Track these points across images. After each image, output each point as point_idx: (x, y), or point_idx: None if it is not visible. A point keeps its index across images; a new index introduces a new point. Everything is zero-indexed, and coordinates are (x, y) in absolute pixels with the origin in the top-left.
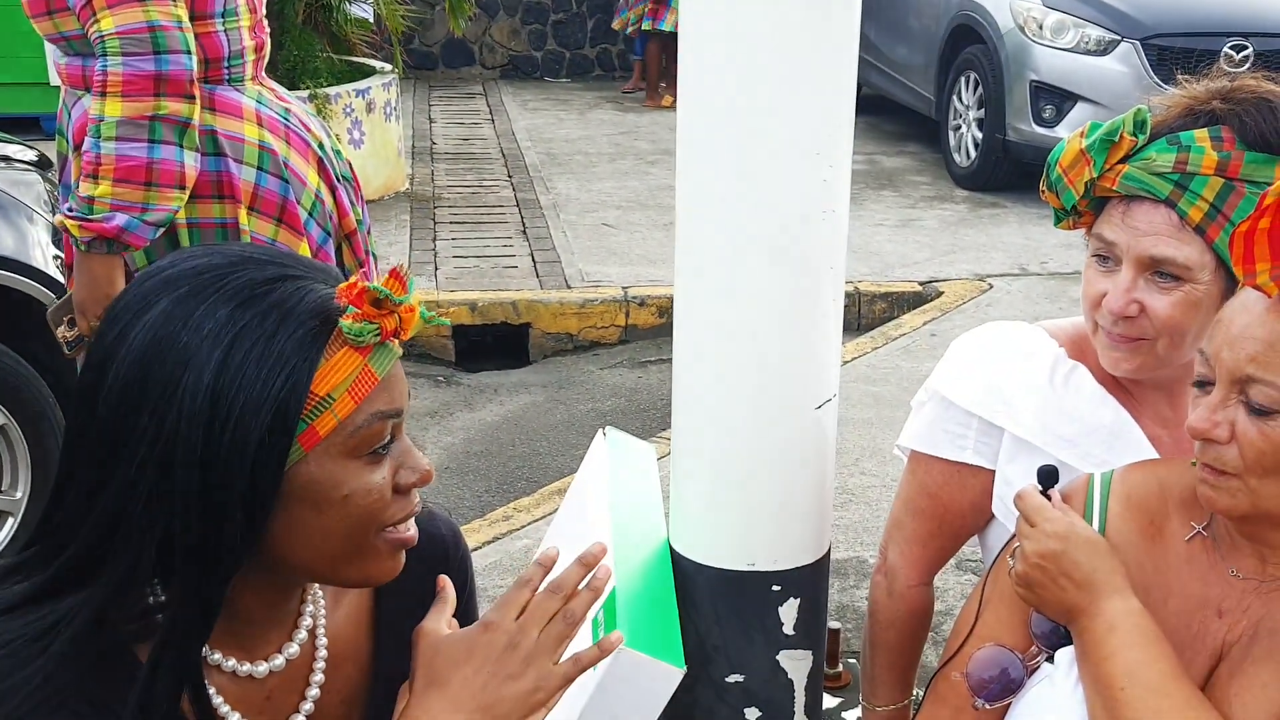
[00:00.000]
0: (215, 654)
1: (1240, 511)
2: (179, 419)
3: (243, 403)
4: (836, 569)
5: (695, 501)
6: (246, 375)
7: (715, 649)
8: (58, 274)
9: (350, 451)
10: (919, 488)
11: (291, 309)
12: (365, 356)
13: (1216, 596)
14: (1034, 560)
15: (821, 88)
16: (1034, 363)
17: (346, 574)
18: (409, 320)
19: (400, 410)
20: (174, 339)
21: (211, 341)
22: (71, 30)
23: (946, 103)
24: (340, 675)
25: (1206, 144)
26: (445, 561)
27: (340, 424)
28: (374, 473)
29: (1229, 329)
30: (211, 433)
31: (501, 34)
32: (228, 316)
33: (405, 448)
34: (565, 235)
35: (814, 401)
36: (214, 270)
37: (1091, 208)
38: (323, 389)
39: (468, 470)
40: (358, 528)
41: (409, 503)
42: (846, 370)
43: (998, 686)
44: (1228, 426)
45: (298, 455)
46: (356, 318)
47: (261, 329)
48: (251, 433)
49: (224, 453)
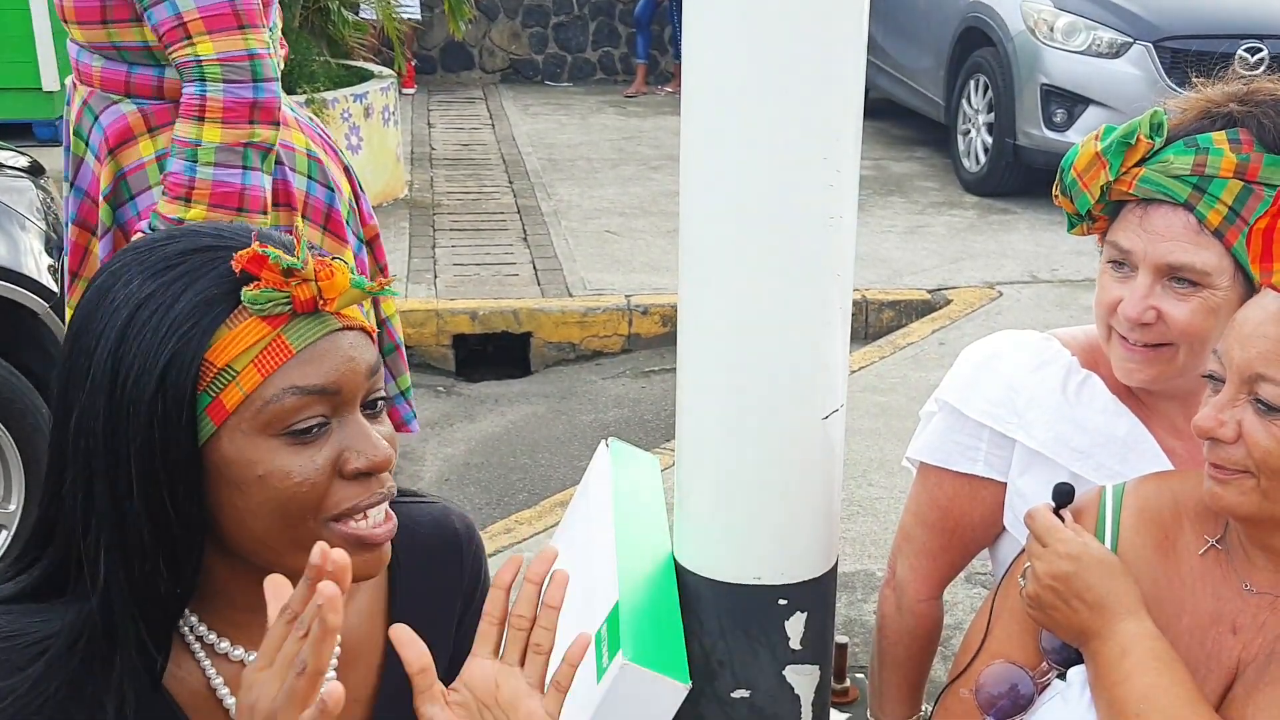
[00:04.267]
0: (223, 641)
1: (1246, 511)
2: (90, 389)
3: (136, 369)
4: (844, 582)
5: (700, 514)
6: (143, 342)
7: (720, 664)
8: (50, 282)
9: (263, 428)
10: (929, 500)
11: (198, 278)
12: (276, 327)
13: (1231, 612)
14: (1046, 581)
15: (828, 91)
16: (1046, 373)
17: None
18: (330, 288)
19: (334, 388)
20: (95, 313)
21: (118, 311)
22: (128, 42)
23: (956, 107)
24: (352, 674)
25: (1225, 146)
26: (459, 557)
27: (247, 397)
28: (295, 455)
29: (1242, 327)
30: (112, 400)
31: (502, 37)
32: (138, 287)
33: (358, 431)
34: (567, 242)
35: (821, 412)
36: (148, 244)
37: (1106, 212)
38: (221, 359)
39: (468, 482)
40: (287, 513)
41: (362, 491)
42: (854, 380)
43: (1008, 703)
44: (1234, 425)
45: (209, 429)
46: (258, 286)
47: (164, 297)
48: (144, 402)
49: (126, 422)
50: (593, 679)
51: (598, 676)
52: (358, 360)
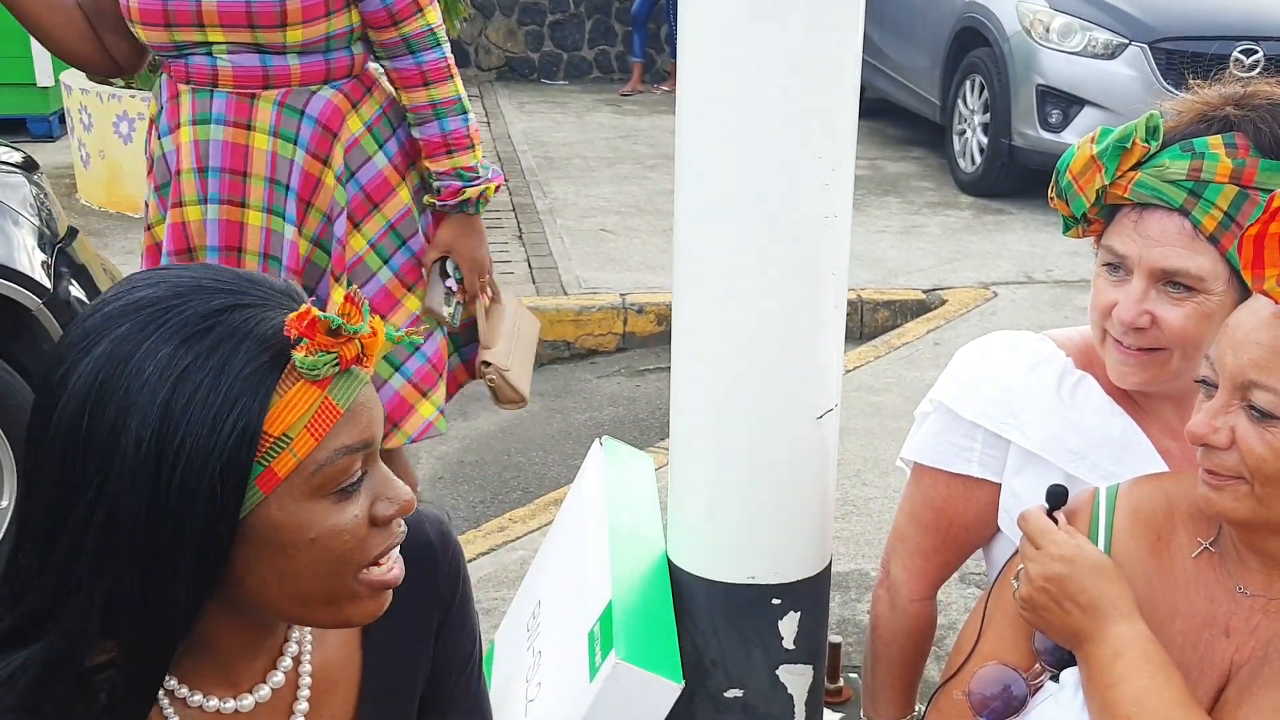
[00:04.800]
0: (196, 694)
1: (1240, 516)
2: (123, 471)
3: (189, 451)
4: (838, 582)
5: (694, 513)
6: (191, 420)
7: (714, 663)
8: (44, 278)
9: (315, 491)
10: (923, 501)
11: (239, 344)
12: (324, 389)
13: (1224, 615)
14: (1039, 583)
15: (824, 90)
16: (1041, 373)
17: (321, 617)
18: (372, 345)
19: (370, 441)
20: (115, 383)
21: (154, 385)
22: (339, 29)
23: (951, 107)
24: (330, 702)
25: (1221, 151)
26: (434, 567)
27: (301, 464)
28: (344, 511)
29: (1234, 333)
30: (158, 484)
31: (497, 35)
32: (169, 356)
33: (382, 477)
34: (562, 241)
35: (815, 411)
36: (157, 304)
37: (1102, 215)
38: (277, 429)
39: (462, 480)
40: (331, 571)
41: (389, 535)
42: (848, 379)
43: (1000, 705)
44: (1228, 432)
45: (256, 499)
46: (310, 349)
47: (206, 367)
48: (201, 482)
49: (172, 505)
50: (586, 678)
51: (591, 675)
52: (377, 409)
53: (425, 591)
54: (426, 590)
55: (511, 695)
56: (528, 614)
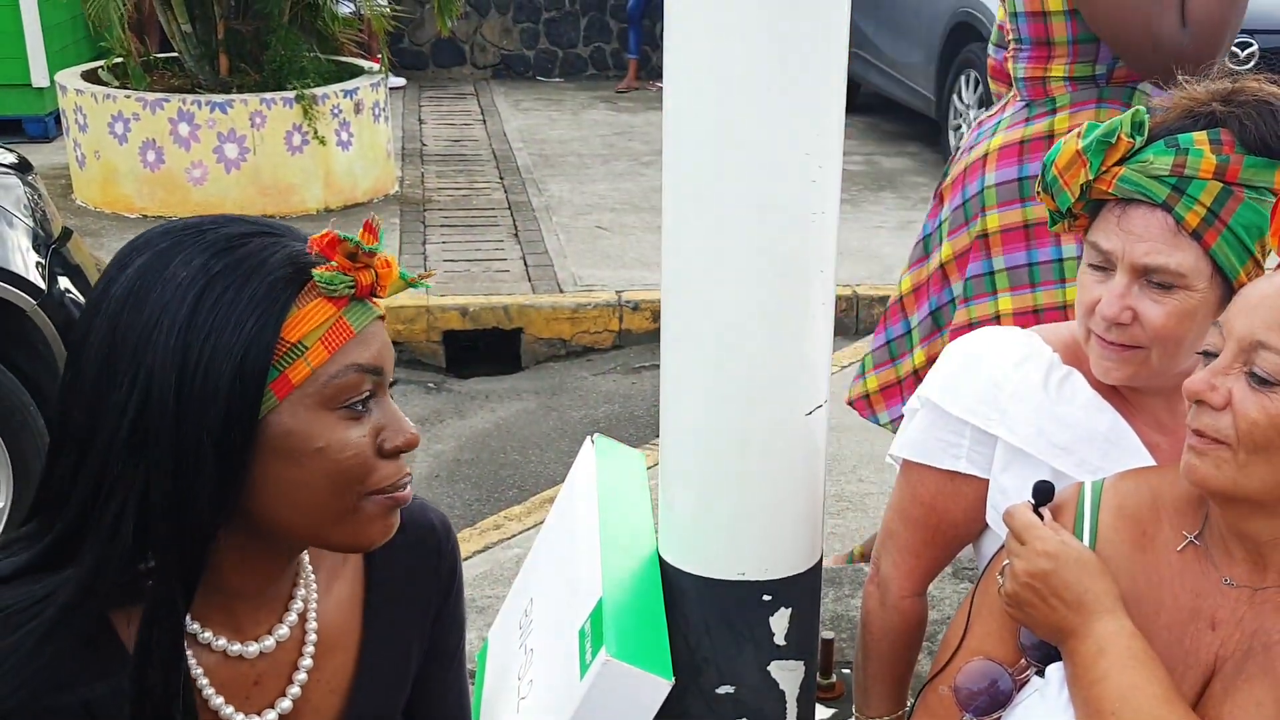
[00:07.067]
0: (206, 631)
1: (1220, 486)
2: (153, 368)
3: (213, 347)
4: (831, 578)
5: (684, 510)
6: (217, 320)
7: (705, 660)
8: (38, 279)
9: (325, 402)
10: (912, 497)
11: (265, 259)
12: (340, 309)
13: (1209, 608)
14: (1024, 579)
15: (810, 85)
16: (1028, 369)
17: (334, 536)
18: (385, 276)
19: (380, 368)
20: (148, 290)
21: (185, 287)
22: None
23: (946, 102)
24: (329, 664)
25: (1205, 147)
26: (437, 553)
27: (314, 373)
28: (351, 429)
29: (1248, 298)
30: (184, 378)
31: (493, 32)
32: (201, 265)
33: (390, 412)
34: (558, 238)
35: (804, 408)
36: (194, 226)
37: (1087, 210)
38: (294, 335)
39: (458, 478)
40: (338, 485)
41: (397, 468)
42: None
43: (986, 699)
44: (1225, 392)
45: (271, 404)
46: (329, 268)
47: (234, 276)
48: (223, 377)
49: (196, 399)
50: (576, 675)
51: (581, 673)
52: (389, 346)
53: (428, 574)
54: (429, 573)
55: (504, 693)
56: (520, 611)
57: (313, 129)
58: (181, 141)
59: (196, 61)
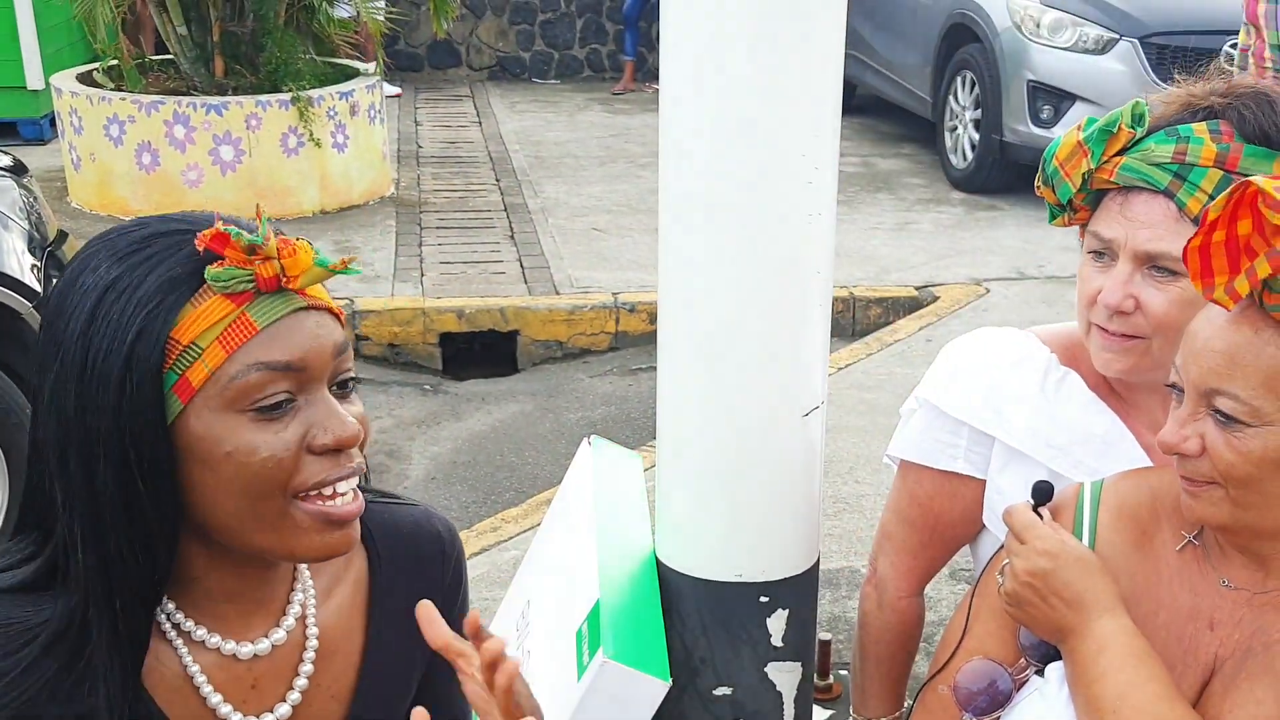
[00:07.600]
0: (200, 629)
1: (1220, 521)
2: (61, 378)
3: (104, 349)
4: (829, 579)
5: (681, 511)
6: (109, 326)
7: (702, 661)
8: (33, 282)
9: (229, 404)
10: (909, 498)
11: (163, 260)
12: (240, 305)
13: (1208, 608)
14: (1024, 578)
15: (806, 87)
16: (1025, 369)
17: (263, 543)
18: (293, 266)
19: (296, 364)
20: (67, 299)
21: (87, 295)
22: None
23: (943, 103)
24: (329, 669)
25: (1205, 136)
26: (442, 560)
27: (213, 374)
28: (261, 431)
29: (1192, 342)
30: (82, 381)
31: (488, 34)
32: (105, 271)
33: (325, 408)
34: (554, 240)
35: (801, 409)
36: (110, 234)
37: (1087, 202)
38: (187, 336)
39: (455, 480)
40: (253, 490)
41: (330, 466)
42: (841, 376)
43: (985, 699)
44: (1198, 439)
45: (176, 407)
46: (222, 264)
47: (131, 279)
48: (111, 378)
49: (95, 409)
50: (573, 677)
51: (578, 674)
52: (323, 338)
53: (432, 580)
54: (434, 579)
55: None
56: (517, 613)
57: (308, 131)
58: (177, 144)
59: (192, 64)
